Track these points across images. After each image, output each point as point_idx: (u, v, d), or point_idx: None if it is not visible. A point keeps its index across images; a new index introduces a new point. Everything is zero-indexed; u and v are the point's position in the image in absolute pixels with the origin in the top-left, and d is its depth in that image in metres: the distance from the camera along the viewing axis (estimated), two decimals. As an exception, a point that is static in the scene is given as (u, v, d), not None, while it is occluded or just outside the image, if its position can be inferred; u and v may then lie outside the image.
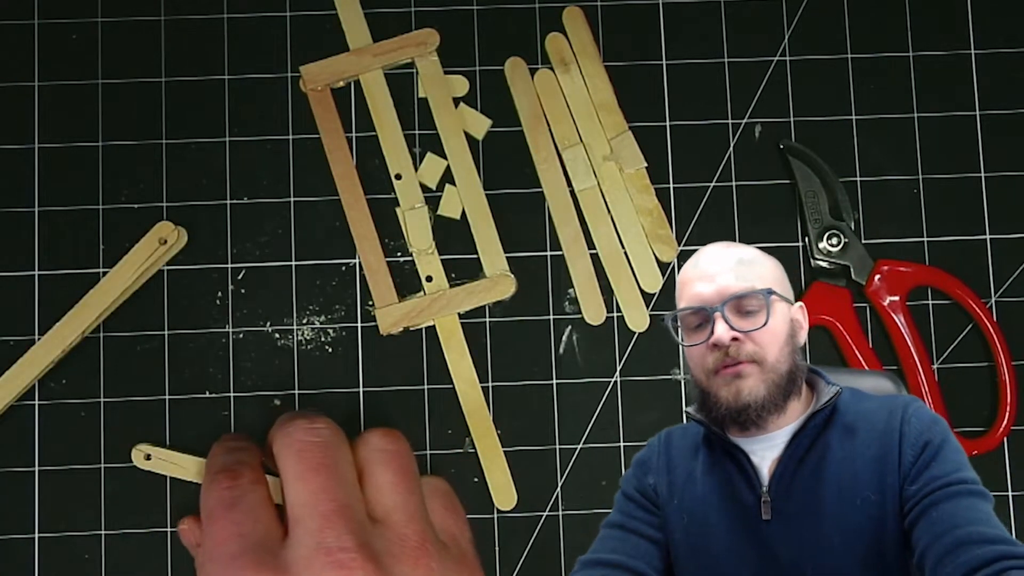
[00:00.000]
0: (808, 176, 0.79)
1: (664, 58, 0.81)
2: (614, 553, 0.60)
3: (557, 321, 0.78)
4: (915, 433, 0.56)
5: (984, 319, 0.78)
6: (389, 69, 0.79)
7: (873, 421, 0.58)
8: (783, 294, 0.60)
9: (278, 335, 0.77)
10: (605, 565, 0.59)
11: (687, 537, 0.59)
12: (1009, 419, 0.77)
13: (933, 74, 0.82)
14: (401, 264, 0.78)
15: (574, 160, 0.79)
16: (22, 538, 0.75)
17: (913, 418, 0.57)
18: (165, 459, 0.75)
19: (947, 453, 0.55)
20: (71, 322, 0.74)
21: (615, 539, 0.61)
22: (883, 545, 0.55)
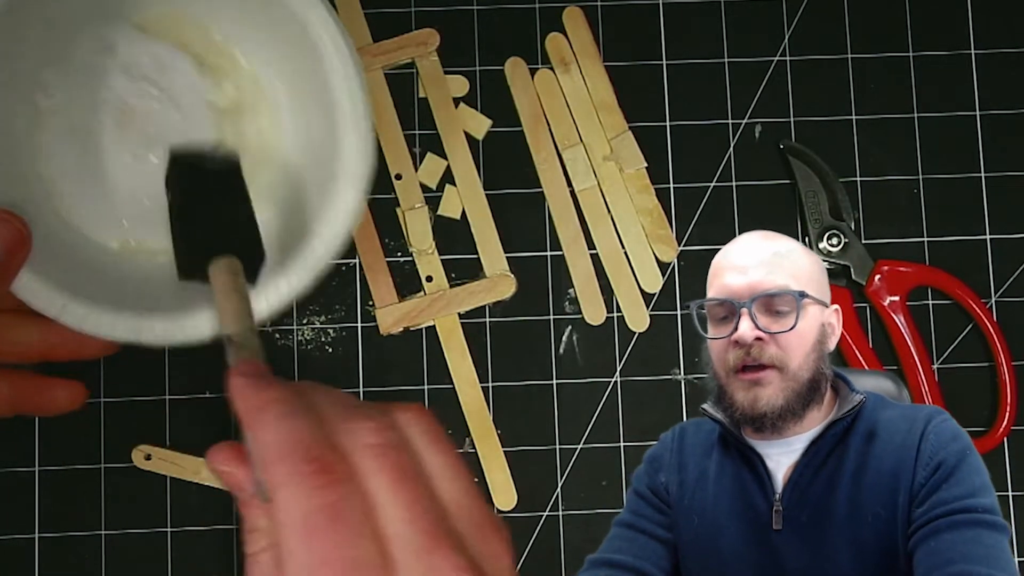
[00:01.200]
0: (808, 176, 0.79)
1: (664, 58, 0.81)
2: (621, 553, 0.58)
3: (557, 321, 0.78)
4: (931, 451, 0.53)
5: (984, 319, 0.78)
6: (389, 69, 0.79)
7: (892, 433, 0.55)
8: (817, 295, 0.57)
9: (278, 335, 0.77)
10: (612, 565, 0.58)
11: (696, 539, 0.58)
12: (1009, 419, 0.77)
13: (933, 74, 0.82)
14: (401, 264, 0.78)
15: (574, 160, 0.79)
16: (22, 538, 0.75)
17: (932, 434, 0.54)
18: (165, 459, 0.75)
19: (961, 475, 0.52)
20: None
21: (624, 539, 0.60)
22: (894, 562, 0.52)
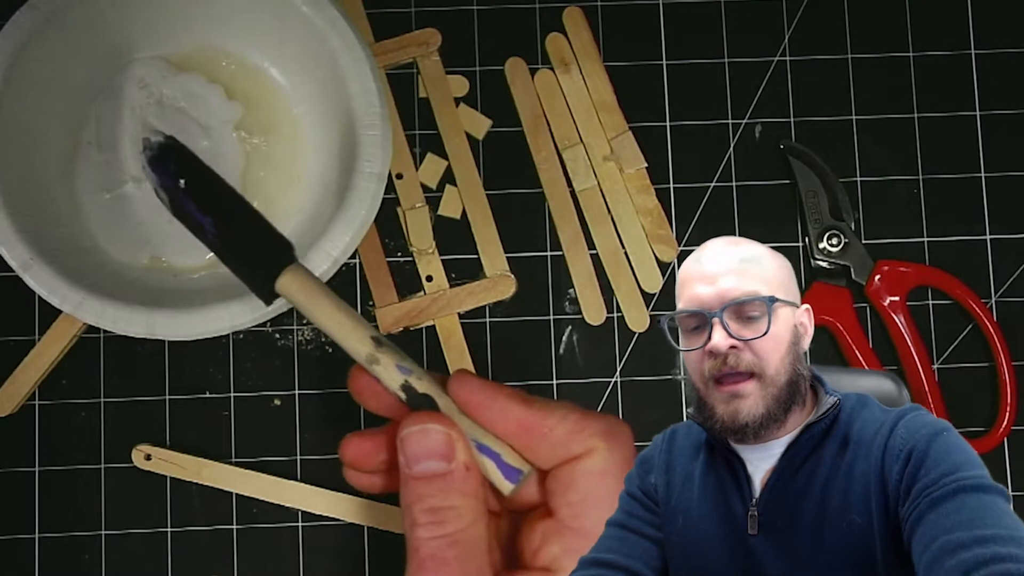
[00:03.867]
0: (808, 176, 0.79)
1: (664, 58, 0.81)
2: (612, 553, 0.58)
3: (557, 321, 0.78)
4: (899, 445, 0.50)
5: (984, 319, 0.78)
6: (390, 69, 0.79)
7: (864, 435, 0.53)
8: (788, 297, 0.56)
9: (278, 335, 0.77)
10: (602, 565, 0.58)
11: (680, 540, 0.58)
12: (1009, 419, 0.77)
13: (933, 74, 0.82)
14: (401, 264, 0.78)
15: (574, 160, 0.79)
16: (22, 538, 0.75)
17: (902, 429, 0.51)
18: (165, 459, 0.75)
19: (937, 457, 0.48)
20: (71, 320, 0.74)
21: (614, 538, 0.60)
22: (872, 571, 0.50)
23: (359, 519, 0.75)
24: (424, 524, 0.32)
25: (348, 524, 0.76)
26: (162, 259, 0.70)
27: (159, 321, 0.63)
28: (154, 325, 0.62)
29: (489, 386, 0.35)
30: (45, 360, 0.74)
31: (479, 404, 0.35)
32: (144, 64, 0.70)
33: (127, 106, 0.67)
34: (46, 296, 0.62)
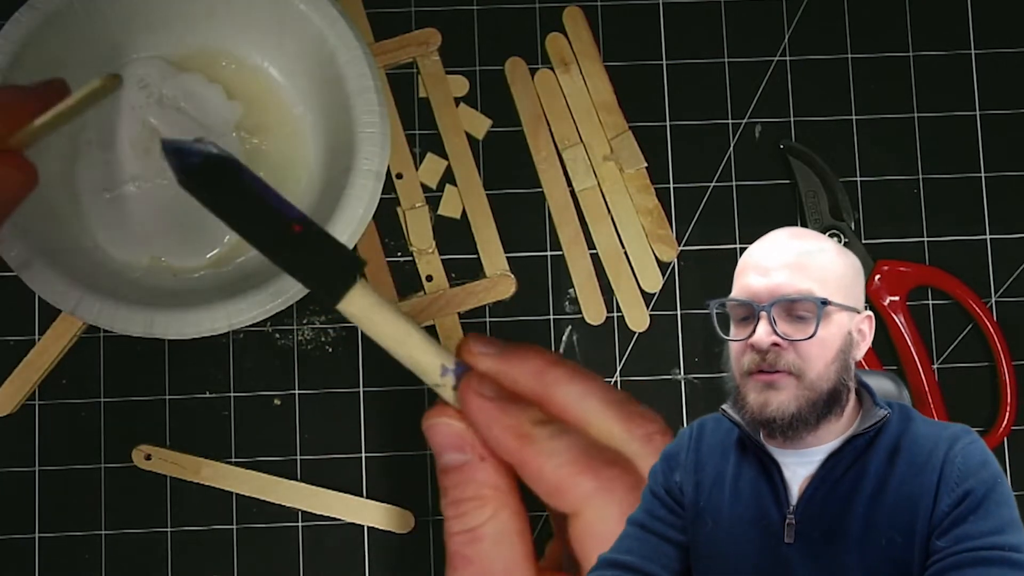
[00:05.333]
0: (808, 176, 0.79)
1: (664, 58, 0.81)
2: (630, 554, 0.56)
3: (557, 321, 0.78)
4: (956, 477, 0.49)
5: (984, 319, 0.78)
6: (390, 69, 0.79)
7: (915, 453, 0.51)
8: (847, 301, 0.53)
9: (278, 335, 0.77)
10: (619, 566, 0.56)
11: (708, 544, 0.56)
12: (1009, 419, 0.77)
13: (933, 74, 0.82)
14: (401, 264, 0.78)
15: (574, 160, 0.79)
16: (22, 538, 0.75)
17: (958, 457, 0.50)
18: (165, 459, 0.75)
19: (989, 507, 0.48)
20: (70, 320, 0.74)
21: (634, 538, 0.58)
22: None
23: (359, 519, 0.75)
24: (450, 518, 0.33)
25: (348, 524, 0.76)
26: (162, 259, 0.71)
27: (158, 320, 0.63)
28: (153, 324, 0.63)
29: (494, 407, 0.36)
30: (45, 360, 0.74)
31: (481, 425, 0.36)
32: (144, 64, 0.70)
33: (127, 106, 0.67)
34: (45, 296, 0.63)
